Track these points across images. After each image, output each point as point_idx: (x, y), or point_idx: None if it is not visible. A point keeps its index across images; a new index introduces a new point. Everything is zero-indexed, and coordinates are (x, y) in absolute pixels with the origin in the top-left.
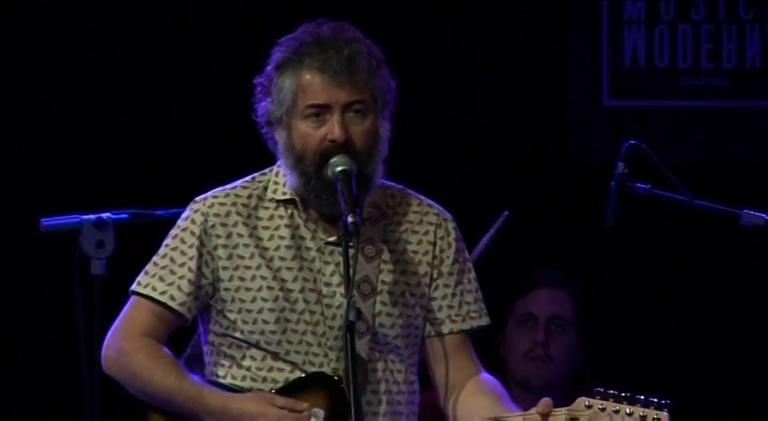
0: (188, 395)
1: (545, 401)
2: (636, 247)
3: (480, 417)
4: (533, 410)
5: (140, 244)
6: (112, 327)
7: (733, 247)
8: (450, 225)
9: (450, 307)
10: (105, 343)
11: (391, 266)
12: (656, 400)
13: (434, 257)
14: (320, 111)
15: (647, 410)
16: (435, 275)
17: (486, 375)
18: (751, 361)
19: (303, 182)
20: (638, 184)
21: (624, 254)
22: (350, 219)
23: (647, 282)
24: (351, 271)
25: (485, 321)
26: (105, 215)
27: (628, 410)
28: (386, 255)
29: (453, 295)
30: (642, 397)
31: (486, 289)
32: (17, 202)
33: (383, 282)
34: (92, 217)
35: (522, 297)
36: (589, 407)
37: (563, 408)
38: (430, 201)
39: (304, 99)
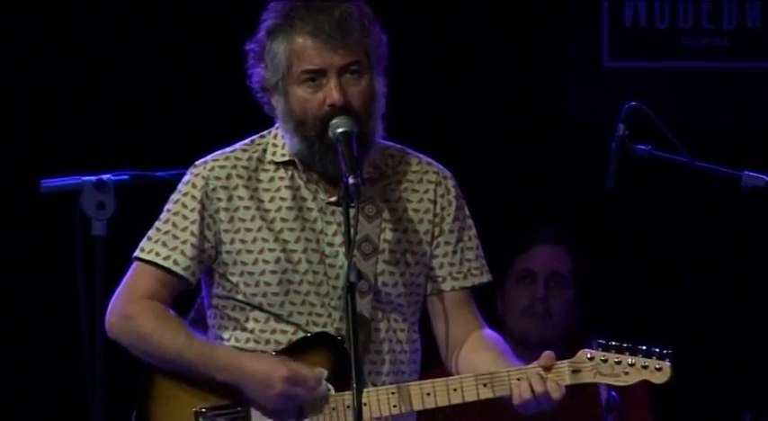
0: (199, 353)
1: (547, 354)
2: (636, 209)
3: (476, 374)
4: (535, 363)
5: (141, 205)
6: (116, 294)
7: (733, 209)
8: (450, 183)
9: (451, 264)
10: (109, 309)
11: (392, 225)
12: (657, 350)
13: (435, 215)
14: (316, 76)
15: (648, 360)
16: (436, 233)
17: (488, 331)
18: (751, 322)
19: (306, 146)
20: (639, 146)
21: (624, 215)
22: (351, 181)
23: (648, 243)
24: (352, 231)
25: (486, 278)
26: (106, 176)
27: (630, 361)
28: (386, 215)
29: (454, 252)
30: (644, 347)
31: (486, 247)
32: (17, 163)
33: (384, 240)
34: (92, 178)
35: (521, 254)
36: (591, 359)
37: (565, 361)
38: (429, 160)
39: (299, 65)
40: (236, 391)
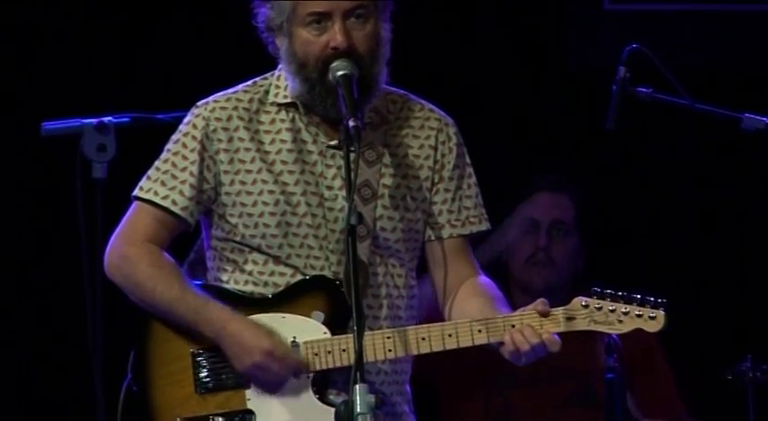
0: (190, 306)
1: (541, 300)
2: (637, 152)
3: (471, 319)
4: (530, 307)
5: (142, 147)
6: (115, 233)
7: (734, 151)
8: (452, 130)
9: (450, 211)
10: (108, 248)
11: (392, 170)
12: (652, 299)
13: (435, 162)
14: (321, 19)
15: (643, 309)
16: (436, 180)
17: (482, 278)
18: (752, 267)
19: (307, 88)
20: (640, 89)
21: (625, 158)
22: (351, 124)
23: (648, 186)
24: (352, 175)
25: (485, 226)
26: (107, 119)
27: (624, 309)
28: (387, 160)
29: (453, 200)
30: (638, 296)
31: (488, 194)
32: (18, 106)
33: (384, 185)
34: (93, 120)
35: (523, 202)
36: (586, 306)
37: (560, 308)
38: (431, 106)
39: (304, 7)
40: None
